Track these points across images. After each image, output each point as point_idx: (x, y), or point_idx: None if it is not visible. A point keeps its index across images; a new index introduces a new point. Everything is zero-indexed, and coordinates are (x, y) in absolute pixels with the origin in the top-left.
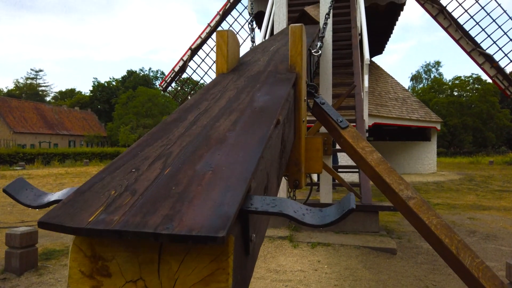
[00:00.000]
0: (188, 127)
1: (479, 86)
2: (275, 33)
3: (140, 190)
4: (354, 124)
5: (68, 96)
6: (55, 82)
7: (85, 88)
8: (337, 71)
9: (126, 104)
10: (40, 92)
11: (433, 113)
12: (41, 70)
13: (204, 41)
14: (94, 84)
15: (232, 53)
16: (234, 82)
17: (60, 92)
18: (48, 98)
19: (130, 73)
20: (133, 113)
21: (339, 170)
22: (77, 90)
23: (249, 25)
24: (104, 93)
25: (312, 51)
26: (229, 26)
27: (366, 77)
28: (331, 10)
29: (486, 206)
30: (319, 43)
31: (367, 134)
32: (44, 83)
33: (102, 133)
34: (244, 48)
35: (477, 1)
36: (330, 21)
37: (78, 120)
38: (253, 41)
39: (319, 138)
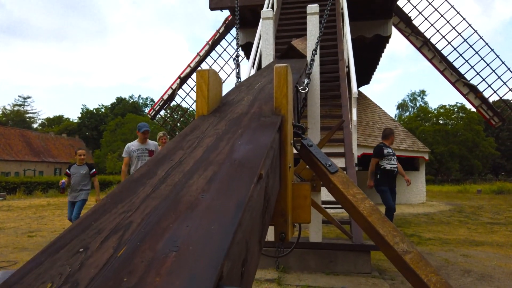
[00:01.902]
0: (157, 186)
1: (464, 115)
2: (262, 65)
3: (83, 282)
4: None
5: (56, 123)
6: (43, 109)
7: (74, 115)
8: (325, 103)
9: (115, 131)
10: (27, 119)
11: (420, 143)
12: (29, 97)
13: (193, 70)
14: (82, 110)
15: (213, 93)
16: (214, 126)
17: (48, 119)
18: (35, 125)
19: (120, 100)
20: (122, 140)
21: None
22: (65, 117)
23: (234, 61)
24: (92, 120)
25: (299, 88)
26: (218, 55)
27: (354, 110)
28: (318, 46)
29: (479, 242)
30: (306, 80)
31: (357, 168)
32: (32, 109)
33: (89, 160)
34: (233, 78)
35: (459, 34)
36: (317, 56)
37: (65, 147)
38: (238, 77)
39: (307, 185)
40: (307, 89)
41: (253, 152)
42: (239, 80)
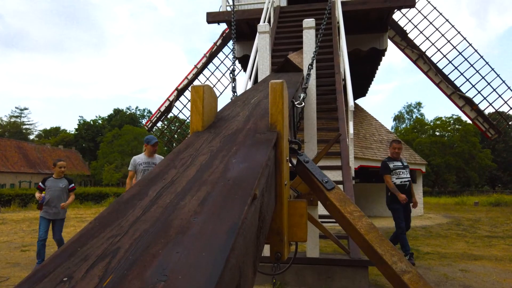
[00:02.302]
0: (147, 207)
1: (460, 127)
2: (259, 78)
3: None
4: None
5: (53, 134)
6: (40, 120)
7: (71, 126)
8: (322, 115)
9: (112, 143)
10: (24, 131)
11: (417, 155)
12: (26, 108)
13: (190, 82)
14: (79, 122)
15: (208, 109)
16: (209, 143)
17: (45, 131)
18: (31, 137)
19: (117, 111)
20: (118, 152)
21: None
22: (62, 128)
23: (230, 75)
24: (89, 132)
25: (295, 102)
26: (215, 67)
27: (351, 124)
28: (314, 61)
29: (477, 256)
30: (302, 95)
31: (354, 182)
32: (29, 121)
33: (85, 172)
34: (230, 90)
35: (454, 47)
36: (313, 71)
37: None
38: (234, 91)
39: (303, 202)
40: (303, 103)
41: (248, 171)
42: (235, 94)
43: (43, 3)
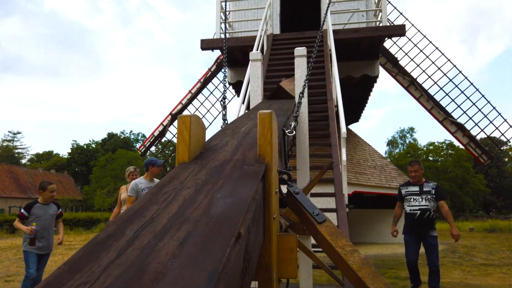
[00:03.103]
0: (123, 249)
1: (453, 152)
2: (251, 105)
3: None
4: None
5: (45, 158)
6: (33, 144)
7: (64, 150)
8: (315, 142)
9: (105, 167)
10: (16, 155)
11: None
12: (19, 133)
13: (184, 107)
14: (73, 146)
15: (195, 140)
16: (194, 175)
17: (37, 155)
18: (24, 161)
19: (111, 135)
20: (111, 176)
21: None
22: (55, 152)
23: (221, 103)
24: (82, 156)
25: (286, 131)
26: (210, 92)
27: (343, 151)
28: (305, 89)
29: (474, 285)
30: (293, 123)
31: (347, 210)
32: (21, 145)
33: (77, 196)
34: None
35: (445, 74)
36: (304, 100)
37: None
38: (224, 119)
39: (293, 236)
40: (294, 132)
41: (233, 207)
42: (226, 122)
43: (41, 28)
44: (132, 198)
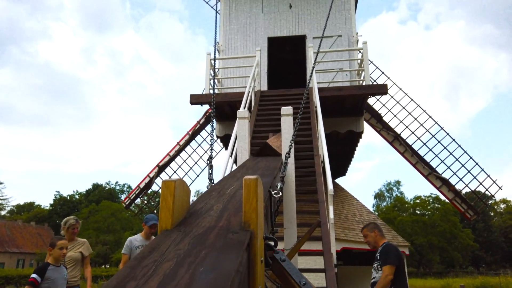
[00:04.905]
0: None
1: (439, 206)
2: (238, 161)
3: None
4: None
5: (26, 209)
6: (15, 195)
7: (46, 201)
8: (301, 198)
9: (87, 219)
10: None
11: (400, 237)
12: (0, 183)
13: (172, 159)
14: (55, 197)
15: (179, 205)
16: (176, 245)
17: (18, 206)
18: (3, 212)
19: (96, 186)
20: (94, 229)
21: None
22: (36, 203)
23: (207, 162)
24: (65, 207)
25: (272, 192)
26: (198, 145)
27: (331, 208)
28: (292, 149)
29: None
30: (279, 184)
31: (336, 270)
32: (2, 196)
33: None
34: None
35: (427, 130)
36: (291, 159)
37: (32, 236)
38: (210, 178)
39: None
40: (280, 193)
41: (215, 283)
42: (212, 182)
43: (33, 78)
44: (125, 257)
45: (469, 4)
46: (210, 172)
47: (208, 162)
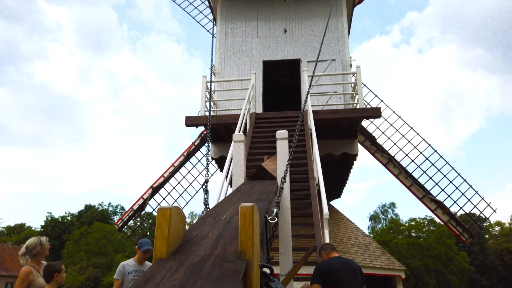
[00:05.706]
0: None
1: (434, 228)
2: (233, 184)
3: None
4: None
5: (17, 231)
6: (5, 217)
7: (37, 223)
8: (297, 221)
9: (79, 241)
10: None
11: (396, 260)
12: None
13: (166, 180)
14: (47, 219)
15: (174, 232)
16: (172, 275)
17: (8, 228)
18: None
19: (88, 207)
20: (85, 251)
21: None
22: (27, 225)
23: (203, 187)
24: (56, 229)
25: (268, 218)
26: (192, 166)
27: (326, 232)
28: (287, 174)
29: None
30: (275, 210)
31: None
32: None
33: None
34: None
35: (421, 153)
36: (286, 185)
37: None
38: (206, 203)
39: None
40: (276, 219)
41: None
42: (207, 207)
43: (28, 99)
44: (117, 282)
45: (461, 28)
46: (206, 197)
47: (204, 186)
